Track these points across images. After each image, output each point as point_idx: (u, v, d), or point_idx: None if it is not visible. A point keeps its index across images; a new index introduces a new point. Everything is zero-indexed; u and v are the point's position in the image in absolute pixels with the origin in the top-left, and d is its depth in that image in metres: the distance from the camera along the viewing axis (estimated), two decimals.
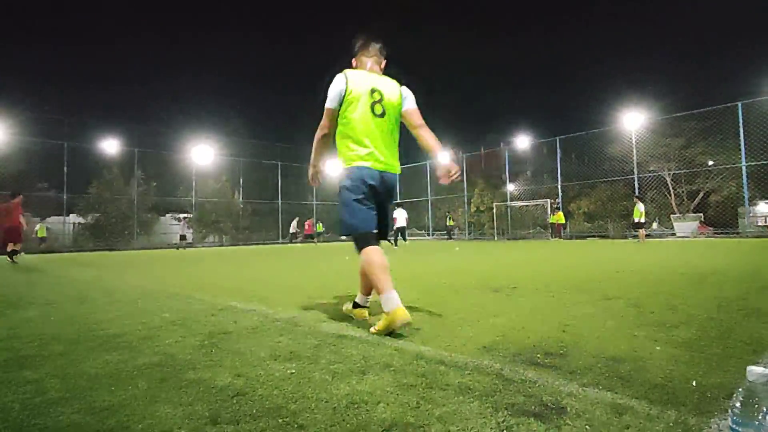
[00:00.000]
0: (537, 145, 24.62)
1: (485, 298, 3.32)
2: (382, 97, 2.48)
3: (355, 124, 2.43)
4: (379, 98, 2.47)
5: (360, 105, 2.43)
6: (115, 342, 2.18)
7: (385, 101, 2.48)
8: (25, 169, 19.61)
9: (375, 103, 2.46)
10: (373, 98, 2.46)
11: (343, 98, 2.43)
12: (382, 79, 2.56)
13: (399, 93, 2.58)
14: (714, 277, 4.35)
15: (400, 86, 2.63)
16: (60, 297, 3.97)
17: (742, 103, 16.16)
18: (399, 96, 2.57)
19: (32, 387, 1.54)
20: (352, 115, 2.43)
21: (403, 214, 15.69)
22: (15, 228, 9.28)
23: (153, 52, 75.22)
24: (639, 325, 2.28)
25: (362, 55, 2.63)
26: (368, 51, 2.62)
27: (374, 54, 2.63)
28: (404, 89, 2.64)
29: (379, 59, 2.66)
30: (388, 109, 2.50)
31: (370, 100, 2.45)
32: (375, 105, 2.46)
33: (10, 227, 9.27)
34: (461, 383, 1.49)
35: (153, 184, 23.89)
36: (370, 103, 2.45)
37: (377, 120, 2.46)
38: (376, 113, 2.46)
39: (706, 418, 1.19)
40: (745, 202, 16.30)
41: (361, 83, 2.45)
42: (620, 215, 20.76)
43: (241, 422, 1.22)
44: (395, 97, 2.55)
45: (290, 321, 2.61)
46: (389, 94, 2.52)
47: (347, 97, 2.42)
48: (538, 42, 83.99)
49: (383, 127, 2.49)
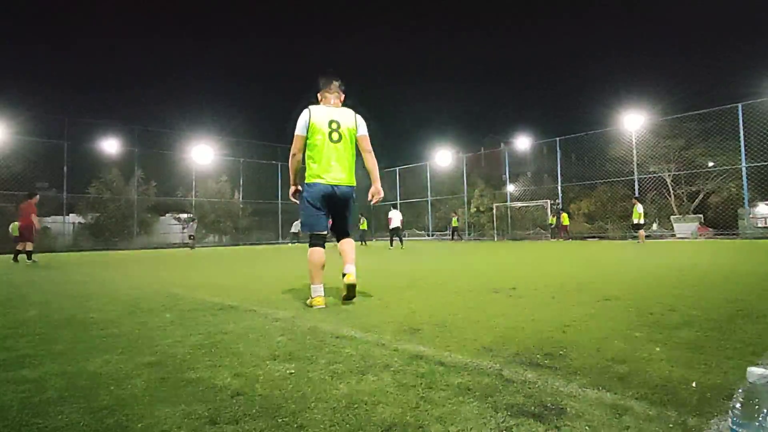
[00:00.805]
0: (537, 146, 24.64)
1: (485, 299, 3.32)
2: (339, 126, 3.11)
3: (316, 148, 3.07)
4: (336, 127, 3.11)
5: (319, 134, 3.06)
6: (115, 341, 2.18)
7: (341, 129, 3.12)
8: (25, 169, 19.58)
9: (332, 132, 3.09)
10: (331, 128, 3.09)
11: (308, 128, 3.05)
12: (339, 111, 3.19)
13: (354, 121, 3.20)
14: (713, 278, 4.35)
15: (355, 115, 3.23)
16: (59, 296, 3.97)
17: (742, 105, 16.16)
18: (354, 123, 3.19)
19: (31, 386, 1.54)
20: (314, 141, 3.07)
21: (398, 215, 16.17)
22: (28, 227, 9.53)
23: (153, 52, 75.32)
24: (639, 326, 2.28)
25: (326, 91, 3.26)
26: (330, 89, 3.25)
27: (335, 90, 3.26)
28: (359, 118, 3.24)
29: (339, 94, 3.28)
30: (344, 134, 3.13)
31: (328, 130, 3.08)
32: (332, 133, 3.09)
33: (23, 226, 9.59)
34: (461, 384, 1.49)
35: (153, 183, 23.86)
36: (328, 132, 3.08)
37: (333, 144, 3.10)
38: (333, 140, 3.09)
39: (706, 419, 1.19)
40: (745, 203, 16.31)
41: (321, 116, 3.09)
42: (620, 216, 20.75)
43: (240, 422, 1.22)
44: (351, 124, 3.17)
45: (290, 321, 2.61)
46: (345, 123, 3.15)
47: (310, 127, 3.05)
48: (539, 43, 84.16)
49: (339, 149, 3.11)
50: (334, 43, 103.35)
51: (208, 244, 24.84)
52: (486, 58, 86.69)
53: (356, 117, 3.23)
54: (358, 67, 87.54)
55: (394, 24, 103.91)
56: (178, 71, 71.78)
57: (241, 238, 25.94)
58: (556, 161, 21.78)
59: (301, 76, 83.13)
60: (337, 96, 3.27)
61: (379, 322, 2.52)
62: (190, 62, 76.91)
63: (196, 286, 4.61)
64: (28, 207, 9.58)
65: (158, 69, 71.71)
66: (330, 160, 3.08)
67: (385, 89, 79.52)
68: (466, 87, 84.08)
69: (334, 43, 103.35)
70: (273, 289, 4.18)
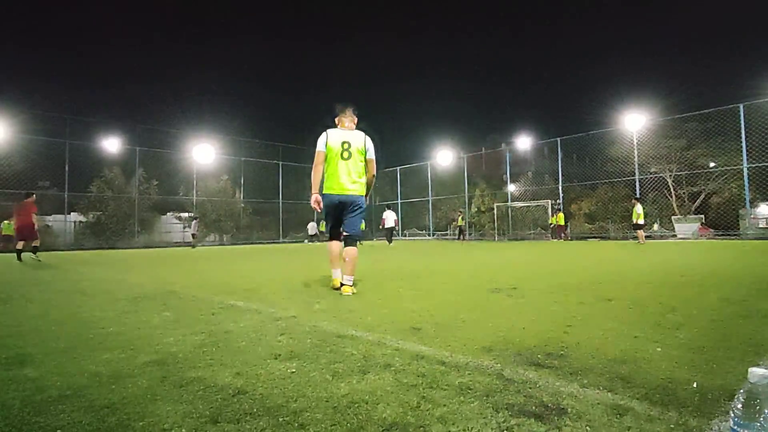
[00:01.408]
0: (538, 146, 24.60)
1: (486, 299, 3.32)
2: (349, 146, 3.76)
3: (330, 165, 3.76)
4: (347, 147, 3.76)
5: (333, 153, 3.74)
6: (116, 340, 2.18)
7: (351, 148, 3.77)
8: (26, 168, 19.61)
9: (344, 151, 3.74)
10: (343, 147, 3.74)
11: (326, 146, 3.73)
12: (352, 133, 3.84)
13: (363, 143, 3.84)
14: (715, 279, 4.35)
15: (365, 137, 3.87)
16: (61, 295, 3.98)
17: (743, 105, 16.12)
18: (363, 146, 3.84)
19: (33, 385, 1.54)
20: (329, 159, 3.76)
21: (392, 215, 17.48)
22: (27, 225, 9.64)
23: (155, 51, 75.35)
24: (639, 326, 2.28)
25: (342, 117, 3.91)
26: (345, 114, 3.91)
27: (349, 116, 3.91)
28: (368, 141, 3.88)
29: (353, 118, 3.93)
30: (353, 153, 3.78)
31: (340, 149, 3.74)
32: (343, 152, 3.75)
33: (22, 225, 9.69)
34: (462, 383, 1.49)
35: (154, 182, 23.87)
36: (340, 152, 3.74)
37: (344, 162, 3.75)
38: (343, 157, 3.75)
39: (707, 419, 1.19)
40: (746, 203, 16.27)
41: (336, 138, 3.76)
42: (621, 216, 20.73)
43: (241, 421, 1.22)
44: (360, 145, 3.82)
45: (291, 320, 2.61)
46: (355, 144, 3.80)
47: (327, 146, 3.73)
48: (540, 44, 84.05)
49: (348, 166, 3.77)
50: (334, 43, 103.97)
51: (209, 243, 24.86)
52: (487, 59, 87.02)
53: (366, 140, 3.87)
54: (359, 68, 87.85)
55: (394, 24, 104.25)
56: (180, 70, 72.07)
57: (242, 238, 25.96)
58: (557, 161, 21.76)
59: (302, 76, 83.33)
60: (351, 120, 3.92)
61: (380, 322, 2.52)
62: (191, 61, 77.40)
63: (197, 284, 4.61)
64: (28, 206, 9.68)
65: (159, 68, 71.89)
66: (340, 175, 3.74)
67: (386, 88, 79.79)
68: (467, 87, 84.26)
69: (334, 43, 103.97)
70: (274, 288, 4.18)
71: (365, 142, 3.85)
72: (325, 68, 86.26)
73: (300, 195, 26.60)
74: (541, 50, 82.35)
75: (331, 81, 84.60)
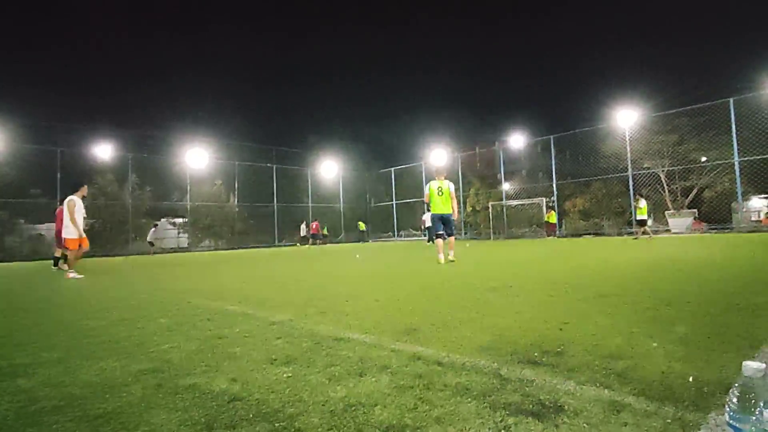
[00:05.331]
0: (531, 144, 24.68)
1: (482, 298, 3.32)
2: (441, 189, 7.10)
3: (432, 199, 7.13)
4: (440, 189, 7.10)
5: (433, 193, 7.12)
6: (110, 348, 2.16)
7: (443, 189, 7.11)
8: (17, 176, 19.43)
9: (440, 191, 7.09)
10: (439, 189, 7.10)
11: (430, 190, 7.18)
12: (443, 182, 7.19)
13: (448, 186, 7.15)
14: (709, 273, 4.38)
15: (449, 183, 7.19)
16: (54, 304, 3.94)
17: (733, 99, 16.27)
18: (448, 188, 7.14)
19: (26, 396, 1.52)
20: (432, 196, 7.15)
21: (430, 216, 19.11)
22: (56, 231, 9.41)
23: (146, 55, 74.87)
24: (635, 322, 2.29)
25: (437, 174, 7.37)
26: (439, 173, 7.39)
27: (442, 173, 7.39)
28: (450, 184, 7.19)
29: (442, 174, 7.36)
30: (444, 192, 7.10)
31: (437, 190, 7.10)
32: (439, 192, 7.09)
33: (56, 230, 9.45)
34: (459, 383, 1.49)
35: (147, 189, 23.73)
36: (437, 191, 7.10)
37: (439, 197, 7.09)
38: (439, 194, 7.09)
39: (703, 413, 1.19)
40: (739, 197, 16.41)
41: (434, 186, 7.16)
42: (615, 213, 20.83)
43: (237, 427, 1.21)
44: (446, 187, 7.13)
45: (286, 324, 2.60)
46: (444, 188, 7.12)
47: (429, 190, 7.20)
48: (531, 40, 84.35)
49: (442, 198, 7.09)
50: (328, 43, 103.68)
51: (204, 249, 24.73)
52: (478, 56, 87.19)
53: (449, 184, 7.17)
54: (352, 66, 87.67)
55: (386, 21, 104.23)
56: (170, 74, 71.59)
57: (237, 242, 25.85)
58: (551, 158, 21.84)
59: (295, 78, 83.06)
60: (442, 176, 7.30)
61: (376, 323, 2.51)
62: (182, 65, 77.04)
63: (191, 290, 4.59)
64: (60, 210, 9.20)
65: (150, 73, 71.44)
66: (438, 204, 7.07)
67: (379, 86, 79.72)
68: (459, 85, 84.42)
69: (328, 43, 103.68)
70: (269, 293, 4.16)
71: (449, 185, 7.14)
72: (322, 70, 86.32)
73: (295, 198, 26.54)
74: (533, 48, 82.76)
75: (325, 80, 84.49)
